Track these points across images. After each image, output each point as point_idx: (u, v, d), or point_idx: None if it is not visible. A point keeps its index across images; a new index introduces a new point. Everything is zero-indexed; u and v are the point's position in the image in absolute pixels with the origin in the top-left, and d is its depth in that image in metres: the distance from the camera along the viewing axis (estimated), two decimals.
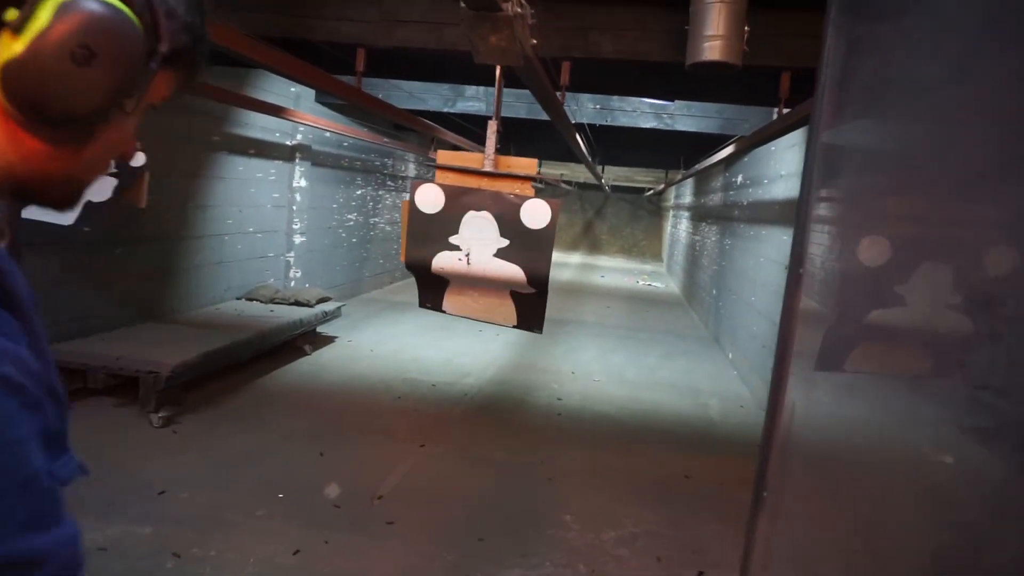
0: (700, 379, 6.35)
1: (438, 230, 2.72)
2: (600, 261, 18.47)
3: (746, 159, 7.37)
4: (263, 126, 6.53)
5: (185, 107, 5.38)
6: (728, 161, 7.85)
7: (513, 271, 2.69)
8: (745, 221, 7.24)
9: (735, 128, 6.65)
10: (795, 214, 0.93)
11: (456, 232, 2.71)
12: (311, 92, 6.89)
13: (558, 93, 3.64)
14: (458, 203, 2.71)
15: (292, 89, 6.73)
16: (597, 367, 6.47)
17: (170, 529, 2.87)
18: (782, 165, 5.70)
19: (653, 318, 9.79)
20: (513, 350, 6.82)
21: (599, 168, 11.06)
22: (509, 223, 2.66)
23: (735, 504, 3.65)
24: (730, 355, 7.14)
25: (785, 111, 3.68)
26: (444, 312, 2.97)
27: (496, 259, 2.69)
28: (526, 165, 2.75)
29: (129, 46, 0.62)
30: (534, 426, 4.62)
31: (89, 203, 4.08)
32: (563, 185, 17.38)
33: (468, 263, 2.71)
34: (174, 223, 5.57)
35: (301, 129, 7.01)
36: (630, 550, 3.08)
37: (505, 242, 2.67)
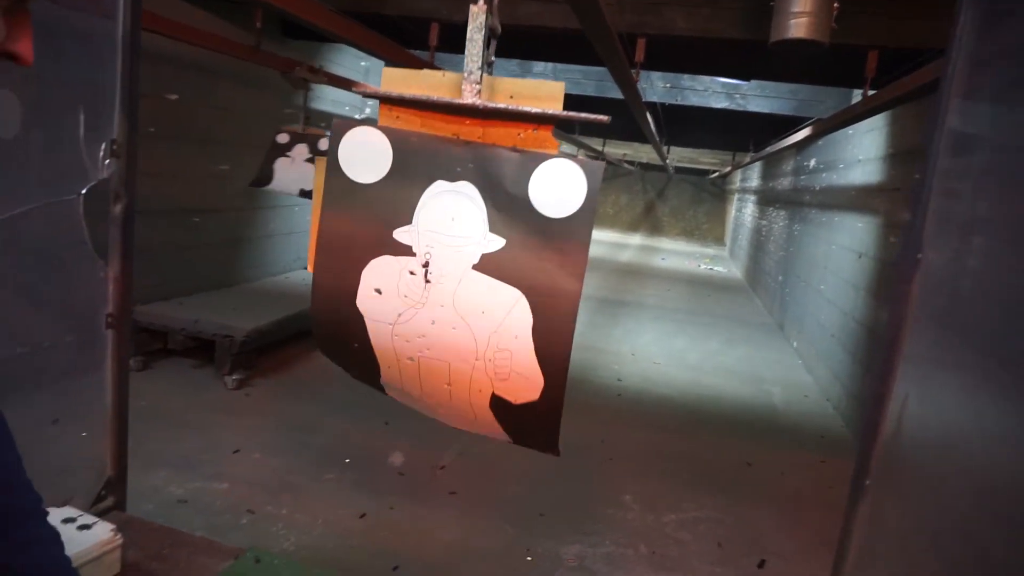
0: (763, 366, 6.22)
1: (375, 214, 1.42)
2: (661, 243, 18.21)
3: (820, 143, 7.11)
4: (333, 99, 6.63)
5: (254, 80, 5.51)
6: (801, 144, 7.59)
7: (506, 299, 1.36)
8: (817, 207, 7.01)
9: (810, 110, 6.42)
10: (912, 198, 0.89)
11: (409, 220, 1.39)
12: (380, 66, 6.95)
13: (632, 71, 3.57)
14: (415, 164, 1.40)
15: (362, 63, 6.81)
16: (657, 350, 6.40)
17: (244, 487, 2.99)
18: (860, 150, 5.48)
19: (715, 303, 9.62)
20: None
21: (664, 148, 10.86)
22: (507, 204, 1.35)
23: (796, 495, 3.59)
24: (795, 344, 6.97)
25: (870, 93, 3.52)
26: (383, 391, 1.59)
27: (477, 275, 1.37)
28: (544, 92, 1.32)
29: None
30: (593, 406, 4.62)
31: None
32: (625, 165, 17.16)
33: (426, 279, 1.39)
34: (245, 194, 5.74)
35: (370, 103, 7.10)
36: (691, 534, 3.07)
37: (498, 242, 1.35)
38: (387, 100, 1.37)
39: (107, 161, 1.31)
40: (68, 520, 1.22)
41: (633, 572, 2.71)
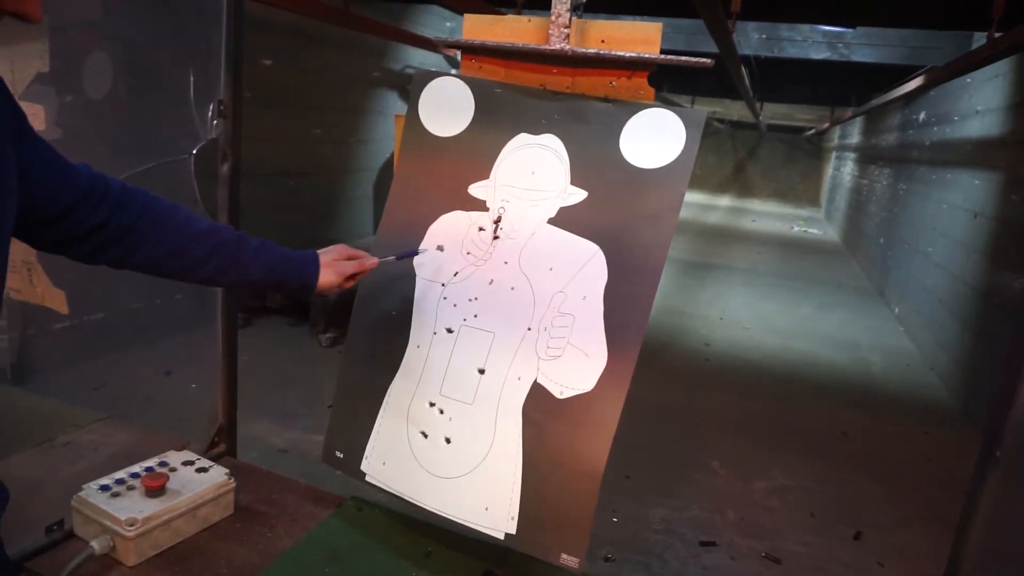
0: (860, 333, 5.93)
1: (452, 169, 1.33)
2: (751, 205, 17.55)
3: (932, 94, 6.59)
4: (420, 62, 6.66)
5: (345, 44, 5.59)
6: (909, 96, 7.07)
7: (580, 255, 1.22)
8: (926, 164, 6.55)
9: (922, 58, 5.95)
10: None
11: (486, 175, 1.30)
12: None
13: (728, 21, 3.40)
14: (498, 116, 1.30)
15: (447, 24, 6.79)
16: (746, 314, 6.21)
17: None
18: (979, 99, 5.05)
19: (808, 266, 9.22)
20: (658, 292, 6.70)
21: (757, 105, 10.37)
22: (594, 156, 1.23)
23: (895, 466, 3.44)
24: (896, 309, 6.60)
25: (996, 35, 3.22)
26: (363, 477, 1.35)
27: (551, 229, 1.24)
28: (639, 35, 1.19)
29: None
30: (680, 370, 4.55)
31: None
32: (715, 123, 16.52)
33: (495, 234, 1.28)
34: (337, 157, 5.88)
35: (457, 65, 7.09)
36: (781, 502, 2.99)
37: (579, 194, 1.23)
38: (469, 49, 1.30)
39: (215, 122, 1.36)
40: (187, 463, 1.31)
41: (721, 537, 2.68)
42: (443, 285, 1.30)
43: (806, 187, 18.71)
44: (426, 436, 1.27)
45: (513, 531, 1.16)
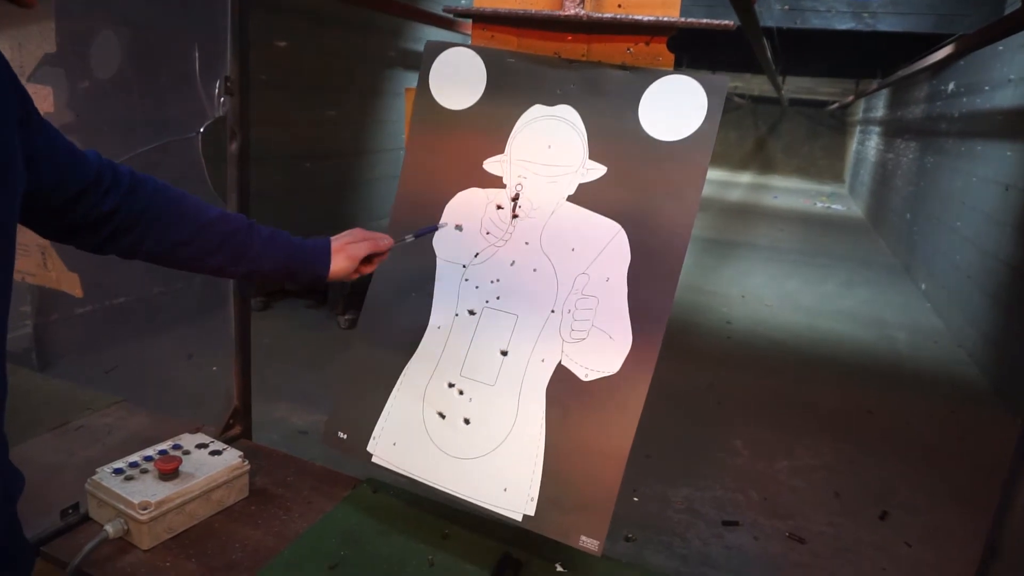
0: (886, 310, 5.82)
1: (465, 143, 1.29)
2: (773, 181, 17.27)
3: (962, 63, 6.39)
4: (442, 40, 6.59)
5: (361, 24, 5.54)
6: (937, 67, 6.86)
7: (602, 234, 1.18)
8: (955, 136, 6.37)
9: (951, 26, 5.76)
10: None
11: (501, 149, 1.25)
12: None
13: None
14: (511, 87, 1.25)
15: (462, 1, 6.70)
16: (769, 292, 6.12)
17: None
18: (1012, 68, 4.88)
19: (832, 243, 9.06)
20: None
21: (780, 79, 10.16)
22: (612, 128, 1.17)
23: (923, 446, 3.37)
24: (923, 286, 6.47)
25: None
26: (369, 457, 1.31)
27: (572, 207, 1.20)
28: (655, 1, 1.14)
29: None
30: (702, 348, 4.49)
31: None
32: (736, 98, 16.24)
33: (514, 212, 1.24)
34: (354, 138, 5.85)
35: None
36: (806, 482, 2.95)
37: (599, 170, 1.18)
38: (480, 17, 1.24)
39: (222, 99, 1.33)
40: (201, 445, 1.29)
41: (744, 517, 2.64)
42: (464, 267, 1.27)
43: (829, 162, 18.38)
44: (443, 417, 1.24)
45: (532, 513, 1.14)
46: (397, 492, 1.35)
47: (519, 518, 1.15)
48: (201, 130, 1.33)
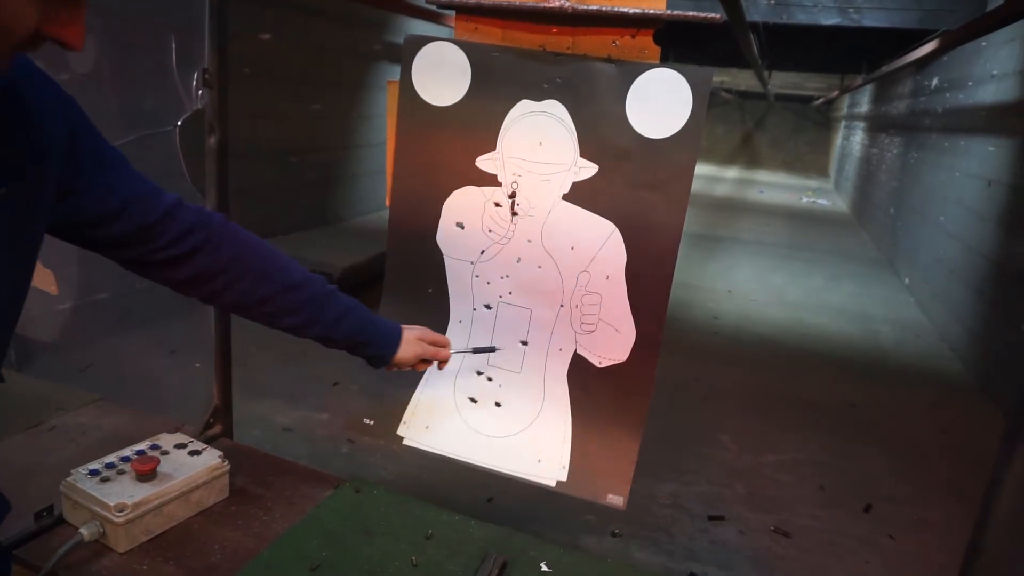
0: (870, 304, 5.86)
1: (455, 140, 1.27)
2: (759, 176, 17.35)
3: (946, 58, 6.43)
4: (421, 33, 6.55)
5: (346, 17, 5.48)
6: (922, 62, 6.90)
7: (598, 234, 1.21)
8: (938, 131, 6.41)
9: (936, 22, 5.80)
10: None
11: (492, 146, 1.24)
12: None
13: None
14: (497, 82, 1.23)
15: None
16: (755, 287, 6.14)
17: (343, 418, 3.10)
18: (995, 63, 4.92)
19: (818, 237, 9.11)
20: None
21: (766, 74, 10.19)
22: (600, 124, 1.17)
23: (906, 438, 3.39)
24: (907, 280, 6.52)
25: None
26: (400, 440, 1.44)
27: (567, 206, 1.22)
28: None
29: None
30: (688, 344, 4.50)
31: None
32: (723, 93, 16.29)
33: (513, 211, 1.25)
34: (338, 133, 5.81)
35: None
36: (792, 475, 2.96)
37: (590, 168, 1.19)
38: (464, 9, 1.24)
39: (200, 92, 1.30)
40: (180, 445, 1.27)
41: (730, 512, 2.65)
42: (472, 263, 1.31)
43: (815, 157, 18.49)
44: (475, 401, 1.35)
45: (564, 479, 1.30)
46: (380, 492, 1.33)
47: (553, 484, 1.29)
48: (179, 123, 1.31)
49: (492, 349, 1.32)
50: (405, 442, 1.38)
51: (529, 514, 2.57)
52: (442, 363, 1.28)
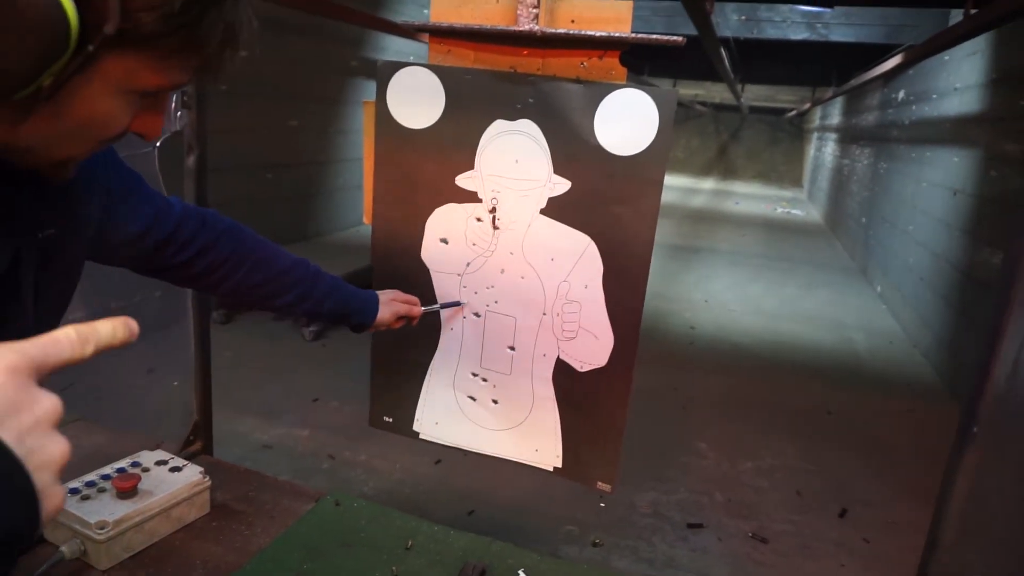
0: (844, 312, 5.97)
1: (433, 160, 1.31)
2: (735, 187, 17.59)
3: (911, 72, 6.61)
4: (397, 50, 6.59)
5: (322, 32, 5.51)
6: (889, 75, 7.08)
7: (575, 246, 1.26)
8: (906, 142, 6.57)
9: (901, 36, 5.97)
10: None
11: (470, 164, 1.29)
12: None
13: (706, 2, 3.38)
14: (471, 103, 1.27)
15: (424, 12, 6.72)
16: (732, 296, 6.23)
17: (324, 434, 3.10)
18: (957, 77, 5.07)
19: (792, 247, 9.26)
20: None
21: (739, 87, 10.37)
22: (571, 142, 1.21)
23: (881, 444, 3.46)
24: (879, 288, 6.65)
25: (973, 11, 3.22)
26: (416, 431, 1.52)
27: (545, 220, 1.27)
28: (609, 14, 1.16)
29: (33, 19, 0.51)
30: (666, 354, 4.55)
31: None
32: (698, 106, 16.52)
33: (494, 225, 1.30)
34: (316, 148, 5.82)
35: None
36: (769, 482, 3.01)
37: (564, 184, 1.24)
38: (437, 32, 1.27)
39: (179, 113, 1.32)
40: (160, 462, 1.28)
41: (708, 519, 2.69)
42: (459, 276, 1.39)
43: (789, 168, 18.80)
44: (474, 399, 1.45)
45: (560, 465, 1.43)
46: (361, 504, 1.35)
47: (551, 469, 1.43)
48: (157, 144, 1.33)
49: (457, 303, 1.40)
50: (421, 436, 1.51)
51: (510, 526, 2.59)
52: (414, 319, 1.36)
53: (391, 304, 1.32)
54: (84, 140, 0.66)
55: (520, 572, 1.18)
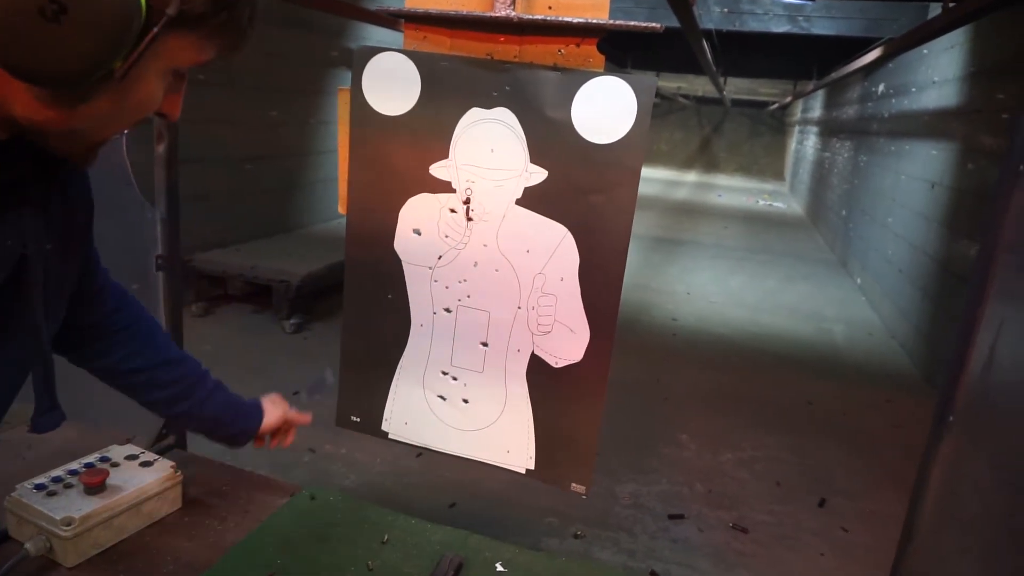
0: (824, 304, 6.02)
1: (408, 148, 1.29)
2: (717, 180, 17.68)
3: (891, 65, 6.66)
4: (379, 39, 6.52)
5: (303, 23, 5.45)
6: (869, 69, 7.13)
7: (551, 237, 1.24)
8: (885, 135, 6.63)
9: (881, 30, 6.00)
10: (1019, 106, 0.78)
11: (445, 154, 1.27)
12: None
13: None
14: (446, 91, 1.25)
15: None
16: (714, 288, 6.26)
17: (304, 427, 3.07)
18: (936, 70, 5.11)
19: (774, 239, 9.32)
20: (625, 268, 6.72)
21: (721, 80, 10.39)
22: (548, 130, 1.20)
23: (859, 433, 3.49)
24: (859, 280, 6.71)
25: (951, 5, 3.24)
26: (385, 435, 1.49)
27: (521, 211, 1.25)
28: (586, 1, 1.15)
29: (112, 4, 0.55)
30: (648, 346, 4.56)
31: None
32: (680, 99, 16.56)
33: (468, 216, 1.28)
34: (296, 139, 5.75)
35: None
36: (749, 473, 3.02)
37: (540, 174, 1.22)
38: (412, 18, 1.25)
39: None
40: (131, 457, 1.25)
41: (689, 510, 2.70)
42: (430, 269, 1.33)
43: (771, 161, 18.90)
44: (444, 399, 1.40)
45: (532, 467, 1.36)
46: (337, 499, 1.33)
47: (523, 471, 1.36)
48: (125, 131, 1.29)
49: (323, 379, 1.45)
50: (390, 436, 1.45)
51: (492, 518, 2.58)
52: (297, 423, 1.38)
53: (278, 403, 1.32)
54: (128, 121, 0.68)
55: (497, 565, 1.17)
